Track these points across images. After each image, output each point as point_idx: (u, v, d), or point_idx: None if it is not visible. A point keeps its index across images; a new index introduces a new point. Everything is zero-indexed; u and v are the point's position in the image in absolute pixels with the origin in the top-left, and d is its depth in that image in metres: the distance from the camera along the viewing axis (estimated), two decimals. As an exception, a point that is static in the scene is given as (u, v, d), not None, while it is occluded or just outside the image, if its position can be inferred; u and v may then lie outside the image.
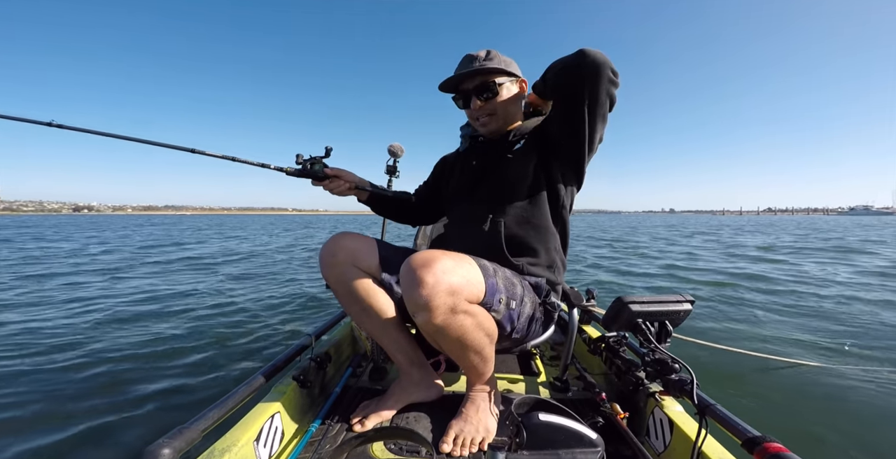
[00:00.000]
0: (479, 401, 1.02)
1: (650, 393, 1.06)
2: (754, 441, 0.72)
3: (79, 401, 1.92)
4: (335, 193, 1.19)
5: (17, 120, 0.96)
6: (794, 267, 6.84)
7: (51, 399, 1.95)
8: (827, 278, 5.57)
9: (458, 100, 1.18)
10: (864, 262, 7.42)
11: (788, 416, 1.81)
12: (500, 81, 1.11)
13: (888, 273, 6.01)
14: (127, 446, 1.57)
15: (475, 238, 1.11)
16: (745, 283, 5.14)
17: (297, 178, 1.15)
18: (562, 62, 0.97)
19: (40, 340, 2.80)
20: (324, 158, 1.15)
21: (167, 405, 1.89)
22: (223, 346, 2.71)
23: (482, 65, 1.08)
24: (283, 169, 1.13)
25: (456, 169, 1.31)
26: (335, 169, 1.17)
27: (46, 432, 1.66)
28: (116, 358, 2.47)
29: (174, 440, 0.69)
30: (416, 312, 0.85)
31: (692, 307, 0.97)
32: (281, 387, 1.08)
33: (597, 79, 0.93)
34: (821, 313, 3.58)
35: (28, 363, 2.38)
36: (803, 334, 2.94)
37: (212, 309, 3.78)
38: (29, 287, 4.91)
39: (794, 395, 1.99)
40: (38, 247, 10.73)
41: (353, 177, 1.21)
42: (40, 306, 3.90)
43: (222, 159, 1.12)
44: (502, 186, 1.12)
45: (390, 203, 1.37)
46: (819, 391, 2.02)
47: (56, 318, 3.44)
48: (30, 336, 2.91)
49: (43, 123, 0.97)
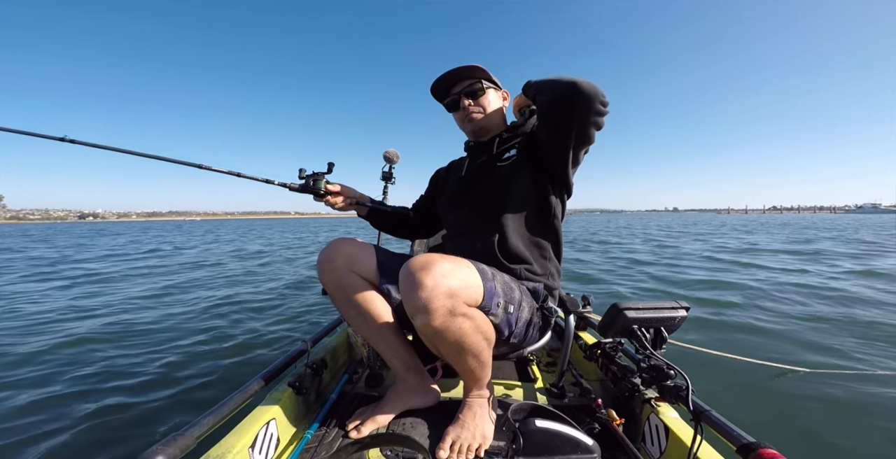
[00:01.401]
0: (476, 407, 1.02)
1: (646, 399, 1.06)
2: (749, 447, 0.73)
3: (71, 407, 1.89)
4: (336, 208, 1.24)
5: (32, 135, 0.97)
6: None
7: (41, 405, 1.92)
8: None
9: (449, 104, 1.24)
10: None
11: (783, 422, 1.82)
12: (487, 85, 1.20)
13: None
14: (120, 454, 1.54)
15: (470, 245, 1.12)
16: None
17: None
18: (553, 90, 0.96)
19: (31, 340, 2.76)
20: (326, 174, 1.18)
21: (161, 411, 1.87)
22: (218, 352, 2.68)
23: (468, 66, 1.17)
24: (286, 185, 1.17)
25: (450, 179, 1.35)
26: (336, 184, 1.21)
27: (36, 441, 1.63)
28: (107, 364, 2.44)
29: (168, 447, 0.69)
30: (414, 315, 0.85)
31: (687, 313, 0.98)
32: (276, 394, 1.08)
33: (587, 115, 0.95)
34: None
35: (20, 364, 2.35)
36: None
37: (206, 314, 3.75)
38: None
39: (789, 401, 1.99)
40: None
41: (353, 192, 1.27)
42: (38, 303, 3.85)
43: (228, 175, 1.15)
44: (495, 196, 1.14)
45: (389, 218, 1.42)
46: (814, 397, 2.02)
47: (41, 321, 3.40)
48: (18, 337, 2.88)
49: (56, 138, 0.98)
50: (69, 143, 0.99)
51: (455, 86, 1.21)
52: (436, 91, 1.25)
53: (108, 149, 1.06)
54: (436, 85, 1.22)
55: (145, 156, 1.07)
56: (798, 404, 1.96)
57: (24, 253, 11.02)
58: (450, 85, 1.22)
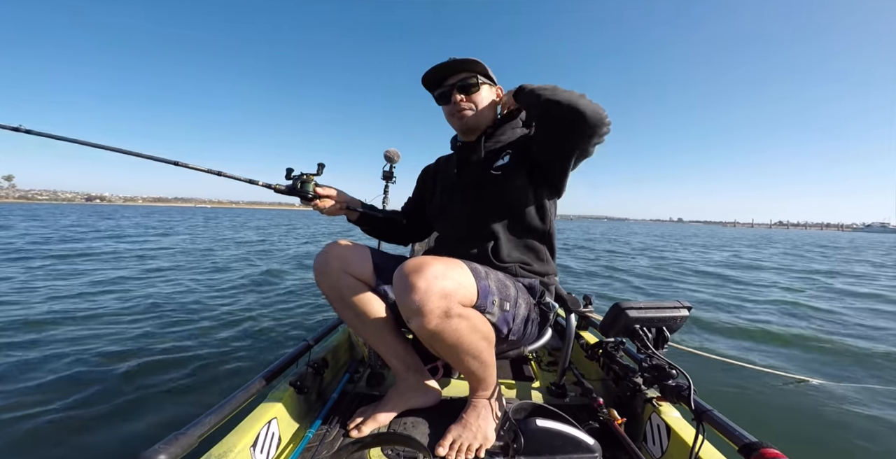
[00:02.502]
0: (480, 408, 1.02)
1: (647, 399, 1.06)
2: (751, 446, 0.73)
3: (70, 406, 1.89)
4: (325, 213, 1.15)
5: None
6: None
7: (38, 403, 1.92)
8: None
9: (440, 96, 1.18)
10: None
11: (784, 424, 1.81)
12: (482, 80, 1.14)
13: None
14: (122, 453, 1.55)
15: (464, 252, 1.10)
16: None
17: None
18: (553, 110, 0.92)
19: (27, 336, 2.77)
20: (315, 175, 1.10)
21: (163, 410, 1.88)
22: (219, 351, 2.69)
23: (465, 58, 1.12)
24: (271, 186, 1.11)
25: (438, 178, 1.32)
26: (326, 187, 1.13)
27: (35, 439, 1.64)
28: (108, 362, 2.45)
29: (170, 446, 0.69)
30: (410, 317, 0.85)
31: (689, 313, 0.97)
32: (278, 393, 1.08)
33: (589, 140, 0.95)
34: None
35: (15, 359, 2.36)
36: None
37: (209, 312, 3.75)
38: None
39: (790, 405, 1.99)
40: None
41: (343, 196, 1.19)
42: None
43: (207, 173, 1.09)
44: (488, 204, 1.13)
45: (380, 223, 1.35)
46: (816, 402, 2.01)
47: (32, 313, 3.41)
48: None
49: (10, 128, 0.94)
50: (25, 134, 0.95)
51: (449, 78, 1.14)
52: (428, 81, 1.17)
53: (67, 141, 1.00)
54: (429, 74, 1.15)
55: (109, 149, 1.02)
56: (802, 409, 1.93)
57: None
58: (443, 76, 1.15)
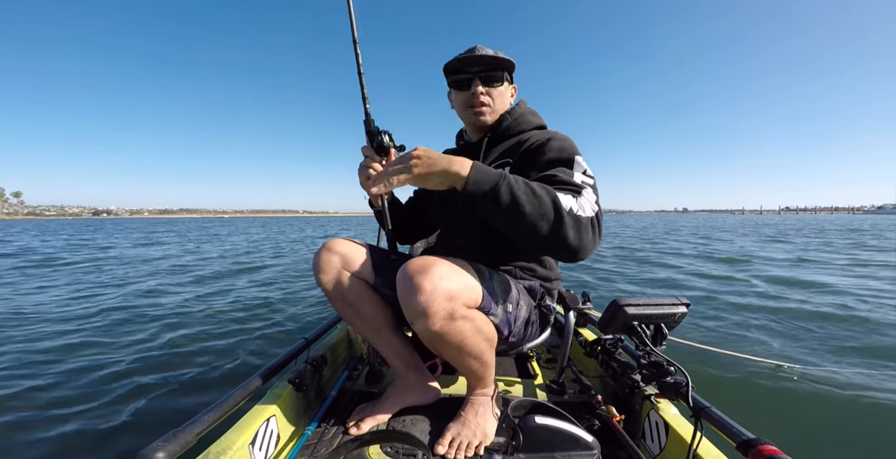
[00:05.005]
0: (479, 406, 1.02)
1: (646, 396, 1.06)
2: (749, 443, 0.73)
3: (68, 405, 1.89)
4: (374, 187, 0.84)
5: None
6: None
7: (39, 400, 1.93)
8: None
9: (457, 81, 1.09)
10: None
11: (783, 419, 1.82)
12: (506, 76, 1.09)
13: None
14: (121, 450, 1.55)
15: (466, 246, 1.10)
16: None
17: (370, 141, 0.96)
18: (533, 233, 0.78)
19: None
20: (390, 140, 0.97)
21: (162, 408, 1.88)
22: (218, 349, 2.69)
23: (497, 53, 1.06)
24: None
25: None
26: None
27: (35, 435, 1.64)
28: (108, 360, 2.45)
29: (169, 443, 0.69)
30: (414, 319, 0.84)
31: (687, 310, 0.97)
32: (277, 390, 1.08)
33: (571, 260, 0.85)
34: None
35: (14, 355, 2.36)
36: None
37: (207, 312, 3.75)
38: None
39: (789, 398, 1.99)
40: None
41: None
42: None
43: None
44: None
45: (403, 217, 1.26)
46: (814, 394, 2.02)
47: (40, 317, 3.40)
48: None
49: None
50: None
51: (475, 65, 1.06)
52: (450, 66, 1.08)
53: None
54: (455, 61, 1.06)
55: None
56: (801, 402, 1.94)
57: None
58: (468, 64, 1.06)
